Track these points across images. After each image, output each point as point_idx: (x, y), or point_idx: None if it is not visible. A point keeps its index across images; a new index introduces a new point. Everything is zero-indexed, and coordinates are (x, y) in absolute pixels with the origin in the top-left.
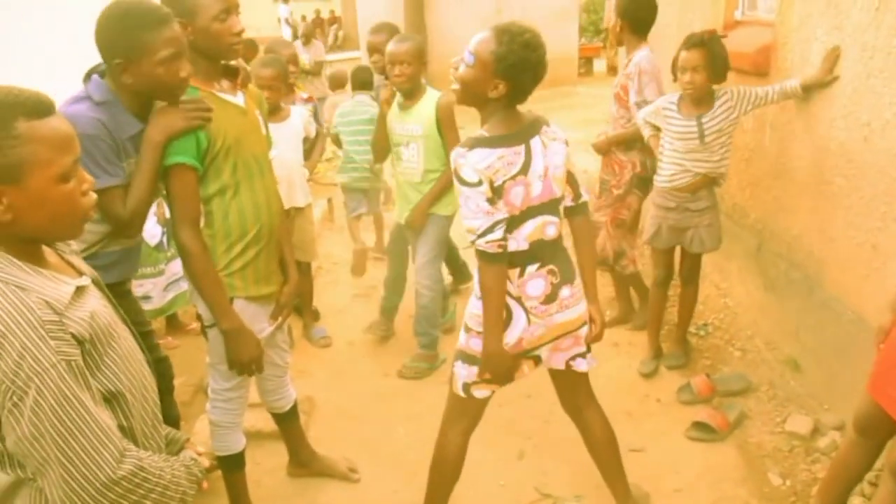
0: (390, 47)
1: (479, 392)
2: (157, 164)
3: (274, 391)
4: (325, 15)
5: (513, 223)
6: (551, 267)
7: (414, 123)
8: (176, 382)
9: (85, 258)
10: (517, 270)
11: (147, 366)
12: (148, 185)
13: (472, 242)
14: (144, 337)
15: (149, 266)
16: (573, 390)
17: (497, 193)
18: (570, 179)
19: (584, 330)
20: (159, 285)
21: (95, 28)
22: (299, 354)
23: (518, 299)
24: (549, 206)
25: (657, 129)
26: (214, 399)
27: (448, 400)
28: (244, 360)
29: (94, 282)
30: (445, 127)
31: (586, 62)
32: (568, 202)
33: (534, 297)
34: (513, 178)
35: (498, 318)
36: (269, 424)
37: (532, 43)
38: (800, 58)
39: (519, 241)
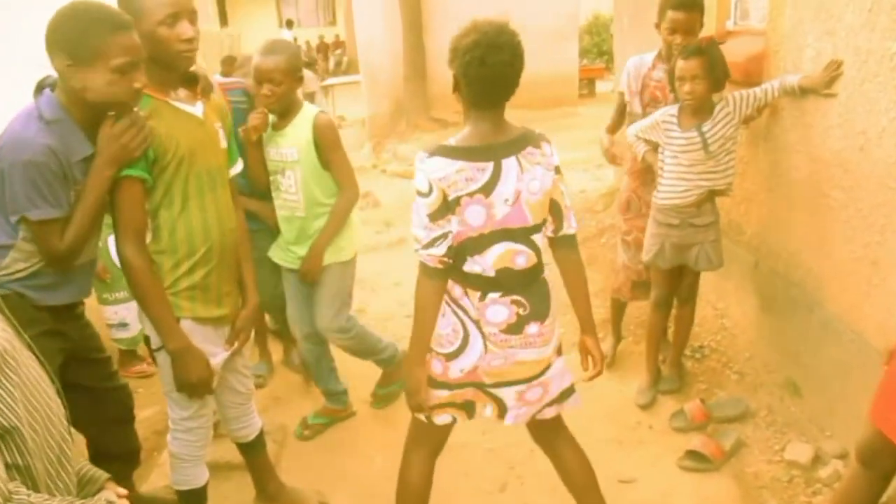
0: (256, 61)
1: (440, 418)
2: (103, 197)
3: (237, 419)
4: (330, 39)
5: (476, 245)
6: (517, 298)
7: (288, 147)
8: (150, 412)
9: (23, 278)
10: (478, 294)
11: (58, 397)
12: (91, 218)
13: (416, 251)
14: (100, 364)
15: (123, 291)
16: (540, 426)
17: (449, 207)
18: (554, 209)
19: (552, 373)
20: (135, 310)
21: (48, 26)
22: (277, 380)
23: (477, 323)
24: (519, 234)
25: (650, 144)
26: (174, 430)
27: (410, 424)
28: (192, 381)
29: None
30: (327, 149)
31: (588, 83)
32: (548, 232)
33: (493, 324)
34: (470, 194)
35: (424, 336)
36: (236, 456)
37: (484, 42)
38: (792, 65)
39: (484, 267)
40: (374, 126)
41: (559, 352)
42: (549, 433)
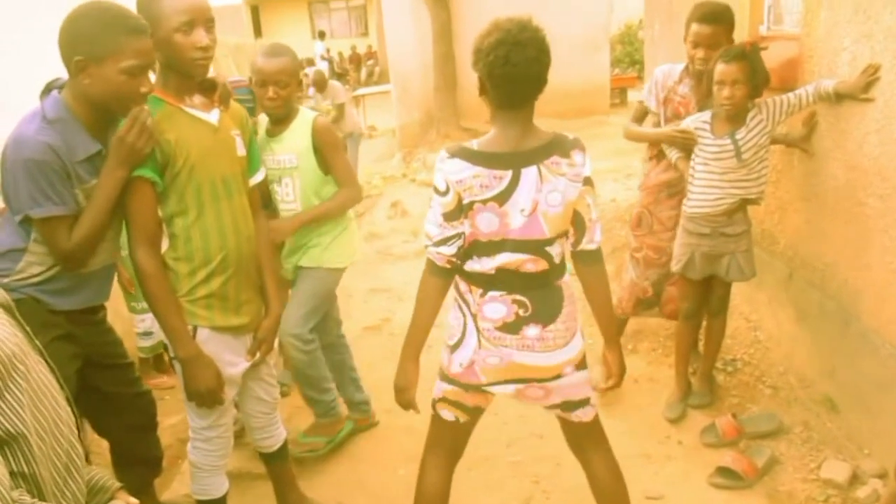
0: (260, 63)
1: (444, 412)
2: (115, 198)
3: (262, 429)
4: (363, 50)
5: (484, 249)
6: (520, 298)
7: (286, 153)
8: (175, 419)
9: (39, 283)
10: (479, 290)
11: (68, 404)
12: (99, 217)
13: (426, 247)
14: (122, 370)
15: None
16: (575, 431)
17: (463, 210)
18: (576, 221)
19: (560, 383)
20: None
21: (65, 20)
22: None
23: (474, 317)
24: (532, 246)
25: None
26: (194, 438)
27: (430, 425)
28: (201, 390)
29: (5, 307)
30: (327, 152)
31: (620, 92)
32: (569, 245)
33: (489, 320)
34: (483, 201)
35: (420, 331)
36: (258, 465)
37: (508, 39)
38: (827, 70)
39: (483, 268)
40: (405, 136)
41: (579, 366)
42: (583, 439)
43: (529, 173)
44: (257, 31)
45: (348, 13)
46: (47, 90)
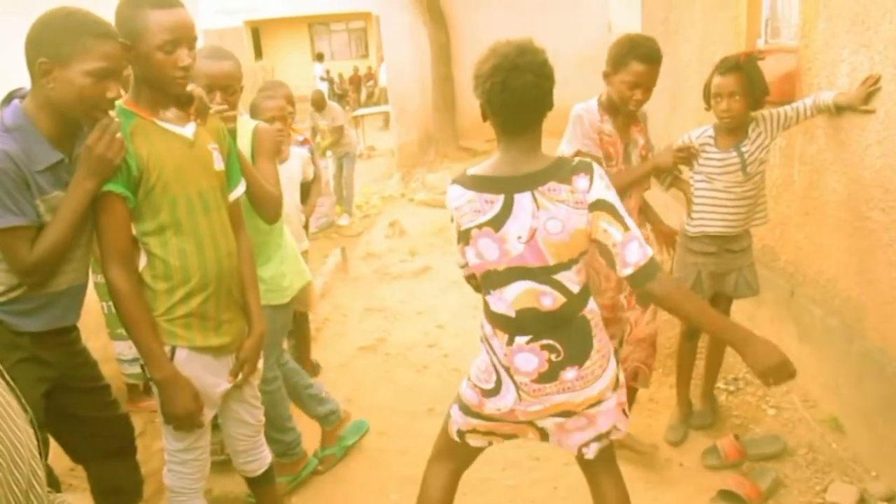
0: (206, 67)
1: (473, 441)
2: (82, 211)
3: (245, 452)
4: (363, 72)
5: (495, 280)
6: (548, 342)
7: None
8: (162, 443)
9: (2, 303)
10: (506, 337)
11: (30, 427)
12: (65, 231)
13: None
14: (95, 393)
15: None
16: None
17: (463, 238)
18: (602, 250)
19: (603, 408)
20: None
21: (34, 23)
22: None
23: (507, 370)
24: (538, 273)
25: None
26: (170, 462)
27: (438, 436)
28: (179, 413)
29: None
30: (258, 155)
31: None
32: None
33: (524, 373)
34: (479, 227)
35: None
36: (245, 488)
37: (505, 65)
38: (826, 82)
39: (505, 306)
40: (403, 156)
41: (615, 388)
42: (596, 465)
43: (523, 199)
44: (258, 53)
45: (348, 35)
46: (8, 99)
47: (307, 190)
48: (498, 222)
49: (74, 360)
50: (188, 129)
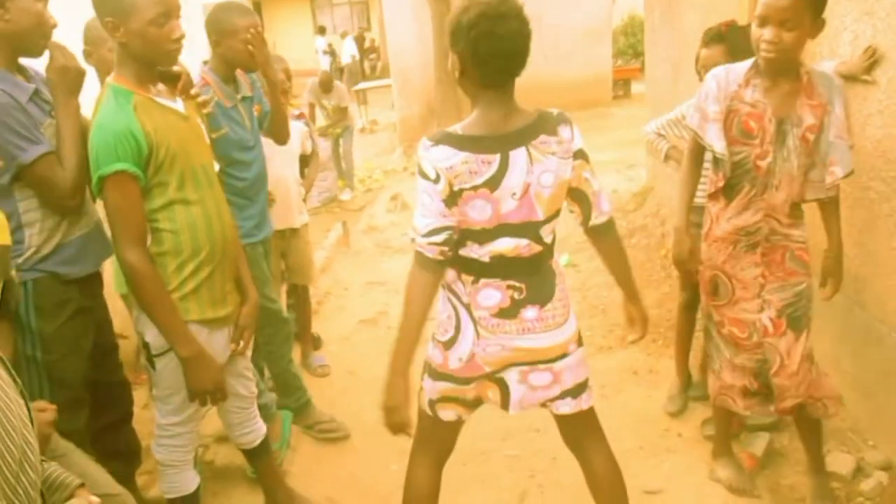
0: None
1: (444, 413)
2: (80, 130)
3: (240, 425)
4: (367, 45)
5: (476, 236)
6: (514, 283)
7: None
8: None
9: (49, 254)
10: (471, 278)
11: (21, 398)
12: (78, 148)
13: (412, 240)
14: (110, 354)
15: None
16: (572, 424)
17: (453, 199)
18: (579, 198)
19: (568, 363)
20: None
21: None
22: None
23: (467, 307)
24: (526, 229)
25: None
26: (160, 436)
27: (418, 420)
28: (207, 387)
29: None
30: None
31: (624, 84)
32: (579, 223)
33: (484, 307)
34: (474, 188)
35: (409, 335)
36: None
37: (490, 13)
38: (828, 50)
39: (479, 254)
40: (405, 129)
41: (579, 343)
42: (579, 433)
43: (518, 156)
44: None
45: (350, 8)
46: None
47: (305, 164)
48: (495, 182)
49: (105, 313)
50: (179, 104)
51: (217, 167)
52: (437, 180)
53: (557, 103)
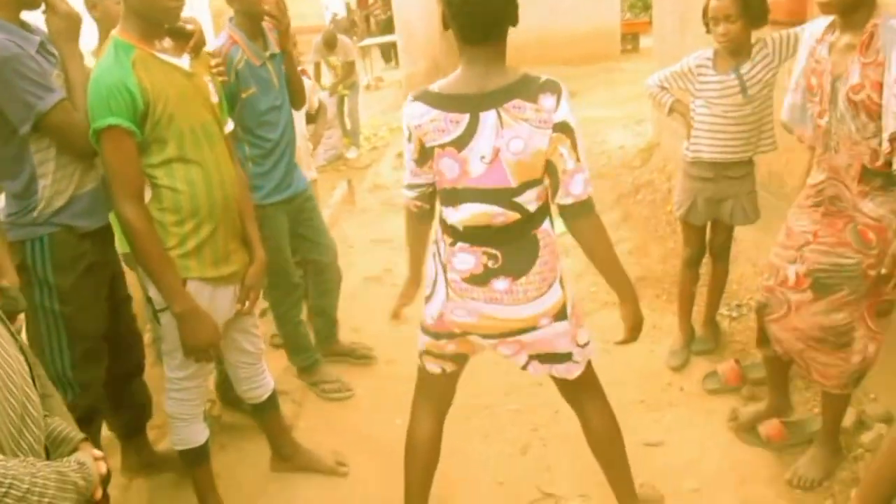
0: None
1: (429, 365)
2: (84, 71)
3: (248, 379)
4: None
5: (449, 197)
6: (490, 250)
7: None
8: None
9: (64, 206)
10: (451, 239)
11: (21, 353)
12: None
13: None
14: (122, 306)
15: None
16: (565, 383)
17: (424, 157)
18: (550, 170)
19: (536, 335)
20: None
21: None
22: None
23: (444, 267)
24: (497, 196)
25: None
26: (169, 389)
27: (417, 374)
28: (200, 344)
29: None
30: None
31: (632, 38)
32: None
33: (457, 271)
34: (441, 146)
35: (416, 262)
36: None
37: None
38: None
39: (455, 220)
40: (411, 85)
41: (558, 317)
42: (574, 389)
43: (488, 118)
44: None
45: None
46: None
47: (311, 120)
48: (461, 142)
49: (119, 266)
50: (184, 61)
51: (230, 126)
52: (409, 138)
53: (564, 57)
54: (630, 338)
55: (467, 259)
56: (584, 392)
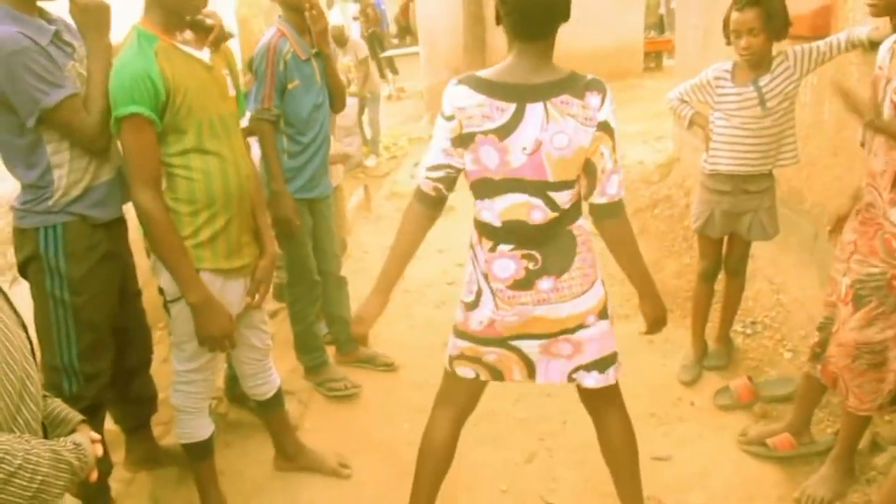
0: None
1: (462, 370)
2: (109, 66)
3: (254, 376)
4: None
5: (488, 188)
6: (529, 251)
7: None
8: None
9: (80, 196)
10: (490, 244)
11: (23, 330)
12: (106, 91)
13: (419, 173)
14: (134, 298)
15: None
16: (594, 392)
17: (463, 141)
18: (588, 171)
19: (589, 334)
20: None
21: None
22: None
23: (485, 277)
24: (535, 188)
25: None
26: (177, 381)
27: (442, 379)
28: (215, 334)
29: None
30: None
31: (655, 56)
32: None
33: (500, 279)
34: (484, 133)
35: (396, 262)
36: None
37: None
38: (862, 14)
39: (492, 216)
40: (432, 97)
41: (601, 315)
42: (600, 402)
43: (535, 109)
44: None
45: None
46: None
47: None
48: (505, 131)
49: (131, 256)
50: (204, 54)
51: (246, 118)
52: (450, 118)
53: (586, 72)
54: (652, 330)
55: (508, 265)
56: (607, 400)
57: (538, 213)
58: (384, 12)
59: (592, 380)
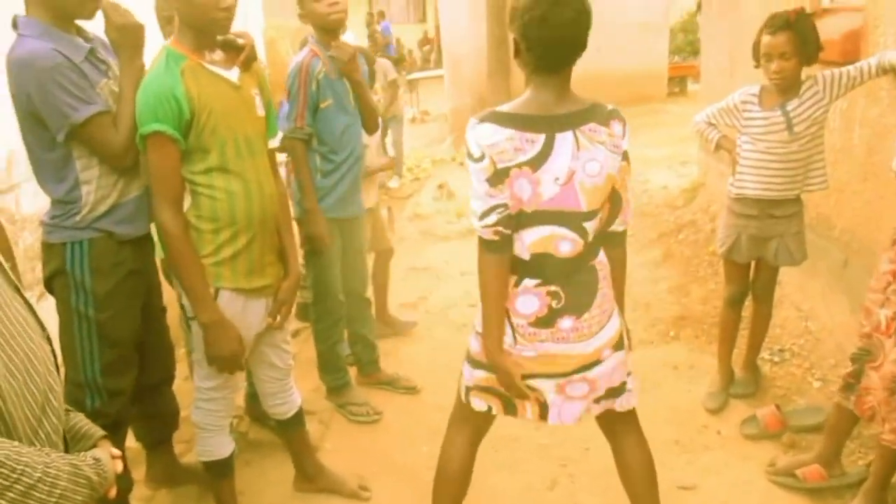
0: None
1: (477, 402)
2: (140, 79)
3: (274, 395)
4: (419, 36)
5: (520, 221)
6: (554, 288)
7: None
8: None
9: (107, 212)
10: (514, 278)
11: (47, 343)
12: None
13: (475, 226)
14: (158, 316)
15: None
16: (610, 418)
17: (499, 178)
18: (613, 200)
19: (603, 370)
20: None
21: None
22: None
23: (507, 312)
24: (567, 219)
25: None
26: (198, 398)
27: (455, 400)
28: (223, 355)
29: None
30: None
31: (680, 81)
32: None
33: (521, 315)
34: (518, 166)
35: (494, 317)
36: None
37: (548, 16)
38: (893, 41)
39: (521, 248)
40: (456, 120)
41: (617, 347)
42: (617, 424)
43: (565, 139)
44: None
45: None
46: (15, 24)
47: None
48: (537, 163)
49: (157, 277)
50: (233, 73)
51: (275, 143)
52: (480, 158)
53: (610, 97)
54: None
55: (531, 302)
56: (623, 424)
57: (567, 245)
58: (391, 37)
59: (599, 408)
